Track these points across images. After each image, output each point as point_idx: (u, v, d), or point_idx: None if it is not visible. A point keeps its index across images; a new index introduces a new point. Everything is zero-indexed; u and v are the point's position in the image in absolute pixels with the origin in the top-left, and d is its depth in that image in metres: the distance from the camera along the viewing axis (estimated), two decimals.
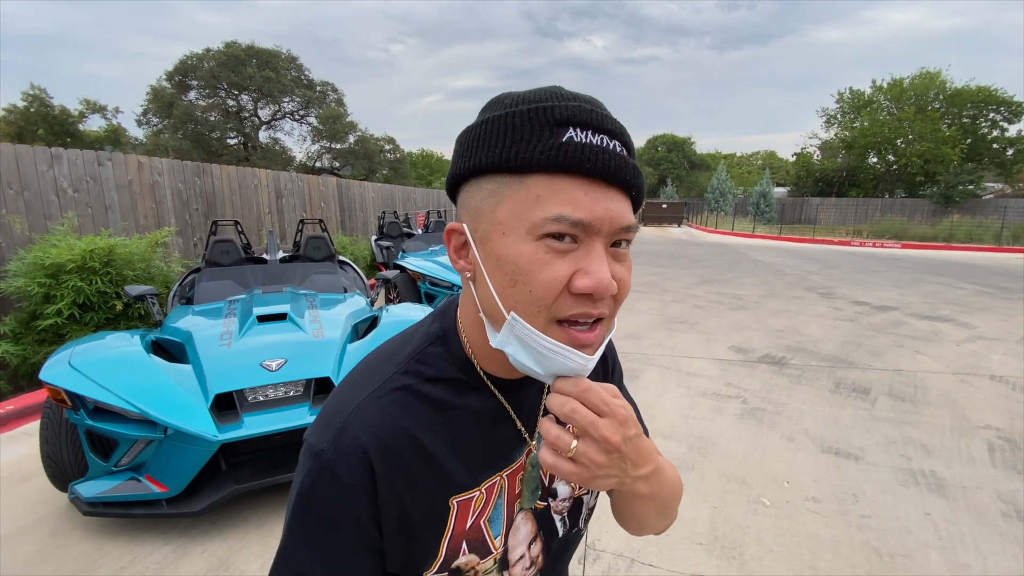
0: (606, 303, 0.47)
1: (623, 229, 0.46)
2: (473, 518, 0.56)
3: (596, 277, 0.44)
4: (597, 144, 0.45)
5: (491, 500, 0.58)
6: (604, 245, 0.46)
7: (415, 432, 0.51)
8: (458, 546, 0.55)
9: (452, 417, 0.54)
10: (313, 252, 5.02)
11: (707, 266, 12.21)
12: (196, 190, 7.33)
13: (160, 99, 25.49)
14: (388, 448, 0.50)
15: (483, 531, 0.57)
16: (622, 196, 0.47)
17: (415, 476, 0.51)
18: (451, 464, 0.54)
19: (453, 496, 0.54)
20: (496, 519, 0.59)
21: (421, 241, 7.40)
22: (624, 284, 0.48)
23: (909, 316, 6.93)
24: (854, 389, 4.23)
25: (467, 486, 0.55)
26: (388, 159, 31.11)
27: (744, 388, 4.22)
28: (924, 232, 22.26)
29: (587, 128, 0.45)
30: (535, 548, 0.63)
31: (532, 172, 0.45)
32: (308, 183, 9.78)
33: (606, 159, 0.45)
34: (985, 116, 31.78)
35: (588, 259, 0.45)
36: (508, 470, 0.59)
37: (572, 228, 0.44)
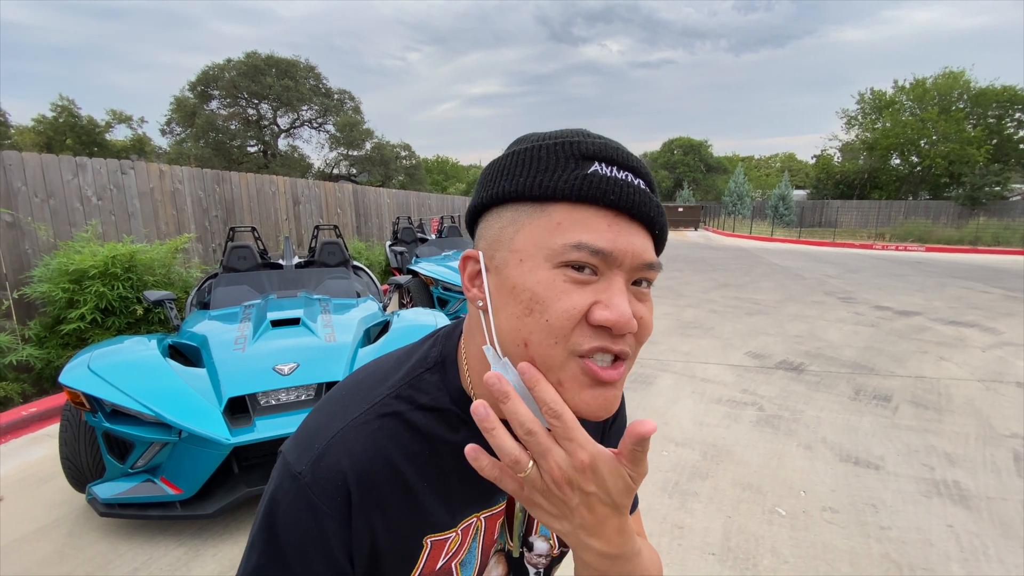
0: (627, 342, 0.44)
1: (646, 266, 0.45)
2: (445, 559, 0.54)
3: (617, 311, 0.41)
4: (622, 179, 0.44)
5: (466, 542, 0.56)
6: (625, 280, 0.44)
7: (399, 464, 0.49)
8: None
9: (439, 451, 0.52)
10: (328, 257, 5.08)
11: (724, 270, 12.06)
12: (216, 197, 7.48)
13: (183, 109, 26.16)
14: (369, 479, 0.48)
15: (453, 573, 0.55)
16: (645, 233, 0.46)
17: (392, 511, 0.49)
18: (430, 501, 0.52)
19: (428, 535, 0.52)
20: (469, 562, 0.56)
21: (434, 246, 7.44)
22: (645, 324, 0.46)
23: (933, 321, 6.75)
24: (875, 396, 4.12)
25: (444, 526, 0.53)
26: (404, 165, 31.42)
27: (760, 395, 4.15)
28: (950, 235, 21.71)
29: (612, 164, 0.45)
30: None
31: (555, 201, 0.44)
32: (325, 190, 9.92)
33: (630, 192, 0.44)
34: (1011, 116, 30.93)
35: (609, 292, 0.43)
36: (487, 512, 0.57)
37: (593, 257, 0.42)
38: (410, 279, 5.70)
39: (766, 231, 25.75)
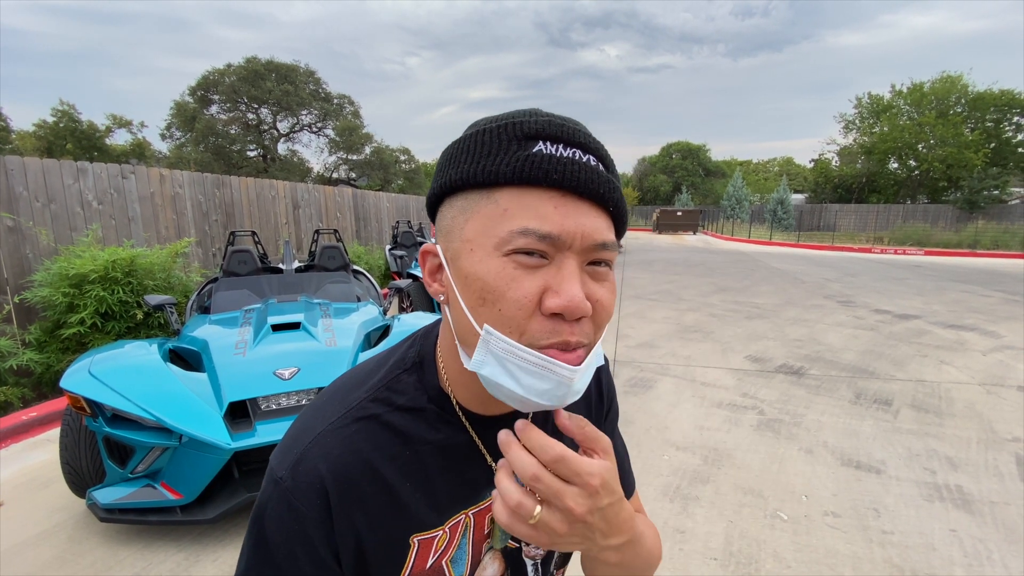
0: (584, 330, 0.43)
1: (598, 246, 0.43)
2: (435, 557, 0.54)
3: (567, 295, 0.41)
4: (568, 156, 0.42)
5: (455, 539, 0.55)
6: (578, 263, 0.43)
7: (377, 465, 0.49)
8: None
9: (419, 451, 0.51)
10: (328, 262, 5.08)
11: (723, 274, 12.07)
12: (215, 201, 7.49)
13: (183, 113, 26.20)
14: (347, 480, 0.48)
15: (444, 571, 0.55)
16: (597, 211, 0.44)
17: (374, 511, 0.49)
18: (414, 500, 0.51)
19: (414, 534, 0.52)
20: (460, 559, 0.56)
21: None
22: (603, 306, 0.44)
23: (933, 325, 6.76)
24: (875, 400, 4.12)
25: (430, 524, 0.53)
26: (403, 170, 31.47)
27: (761, 399, 4.14)
28: (948, 239, 21.75)
29: (558, 142, 0.43)
30: None
31: (500, 186, 0.43)
32: (324, 194, 9.93)
33: (576, 170, 0.42)
34: (1009, 120, 31.06)
35: (559, 276, 0.42)
36: (475, 508, 0.56)
37: (540, 243, 0.41)
38: (410, 283, 5.71)
39: (765, 235, 25.80)
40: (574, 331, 0.42)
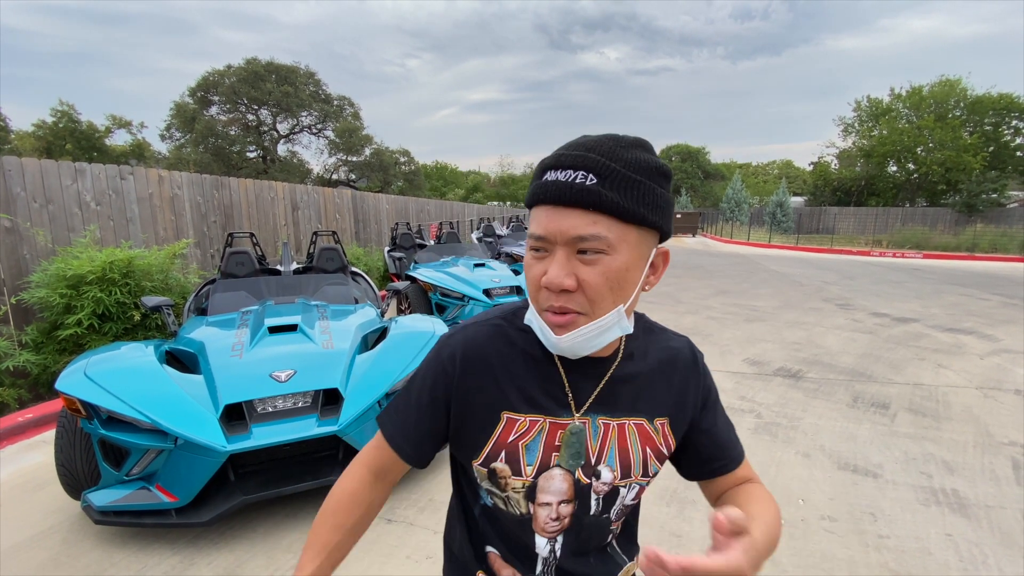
0: (576, 300, 0.61)
1: (577, 238, 0.59)
2: (515, 436, 0.70)
3: (549, 276, 0.60)
4: (562, 179, 0.59)
5: (532, 431, 0.70)
6: (565, 252, 0.60)
7: (490, 355, 0.72)
8: (498, 452, 0.70)
9: (521, 356, 0.72)
10: (326, 263, 5.08)
11: (722, 276, 12.08)
12: (214, 203, 7.49)
13: (183, 114, 26.22)
14: (471, 355, 0.72)
15: (519, 451, 0.70)
16: (579, 212, 0.59)
17: (482, 381, 0.71)
18: (509, 388, 0.71)
19: (505, 410, 0.71)
20: (532, 450, 0.70)
21: (433, 252, 7.44)
22: (587, 284, 0.60)
23: (931, 328, 6.77)
24: (873, 404, 4.12)
25: (517, 409, 0.71)
26: (403, 171, 31.50)
27: (758, 402, 4.14)
28: (947, 242, 21.79)
29: (558, 168, 0.60)
30: (565, 509, 0.72)
31: (531, 206, 0.64)
32: (323, 195, 9.93)
33: (564, 189, 0.59)
34: (1008, 123, 31.15)
35: (549, 262, 0.61)
36: (551, 419, 0.71)
37: (539, 242, 0.62)
38: (408, 285, 5.72)
39: (764, 238, 25.83)
40: (559, 299, 0.61)
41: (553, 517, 0.72)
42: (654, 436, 0.73)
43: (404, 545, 2.32)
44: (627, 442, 0.72)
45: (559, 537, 0.74)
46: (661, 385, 0.74)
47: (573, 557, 0.76)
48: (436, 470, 3.01)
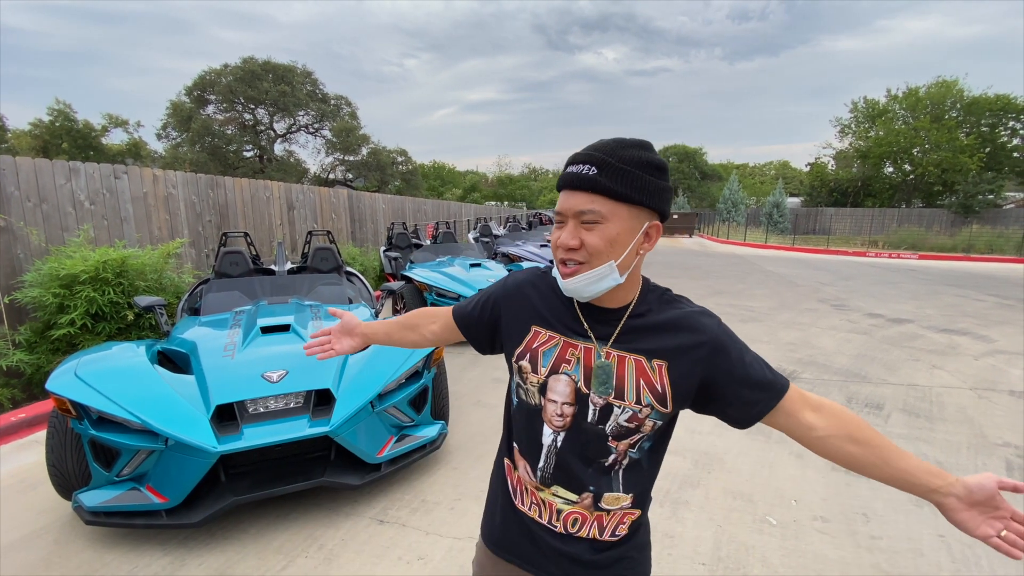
0: (576, 258, 0.87)
1: (579, 212, 0.85)
2: (538, 343, 0.97)
3: (562, 238, 0.87)
4: (576, 171, 0.86)
5: (550, 343, 0.96)
6: (574, 222, 0.87)
7: (529, 291, 1.03)
8: (525, 352, 0.98)
9: (552, 295, 1.00)
10: (320, 263, 5.07)
11: (718, 277, 12.10)
12: (209, 202, 7.47)
13: (179, 113, 26.12)
14: (513, 289, 1.05)
15: (538, 356, 0.97)
16: (584, 194, 0.85)
17: (523, 304, 1.02)
18: (540, 312, 0.99)
19: (534, 324, 0.99)
20: (548, 357, 0.96)
21: (429, 252, 7.44)
22: (588, 244, 0.85)
23: (926, 329, 6.79)
24: (867, 404, 4.13)
25: (544, 325, 0.98)
26: (400, 171, 31.46)
27: None
28: (943, 243, 21.87)
29: (575, 163, 0.87)
30: (567, 409, 0.94)
31: (559, 191, 0.91)
32: (320, 195, 9.91)
33: (575, 178, 0.86)
34: (1004, 125, 31.24)
35: (563, 230, 0.88)
36: (565, 339, 0.95)
37: (558, 216, 0.89)
38: (403, 285, 5.71)
39: (760, 238, 25.87)
40: (568, 255, 0.87)
41: (558, 413, 0.94)
42: (650, 373, 0.90)
43: (396, 546, 2.32)
44: (624, 371, 0.90)
45: (562, 433, 0.95)
46: (664, 337, 0.91)
47: (571, 455, 0.94)
48: (429, 471, 3.01)
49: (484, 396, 4.20)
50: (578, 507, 0.96)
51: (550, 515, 0.98)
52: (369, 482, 2.52)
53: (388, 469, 2.61)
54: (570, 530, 0.97)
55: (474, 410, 3.93)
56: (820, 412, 0.90)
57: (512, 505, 1.05)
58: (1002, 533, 0.77)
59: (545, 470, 0.97)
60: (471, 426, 3.63)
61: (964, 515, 0.79)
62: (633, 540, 1.02)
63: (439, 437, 2.93)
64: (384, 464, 2.61)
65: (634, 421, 0.90)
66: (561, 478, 0.96)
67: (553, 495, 0.97)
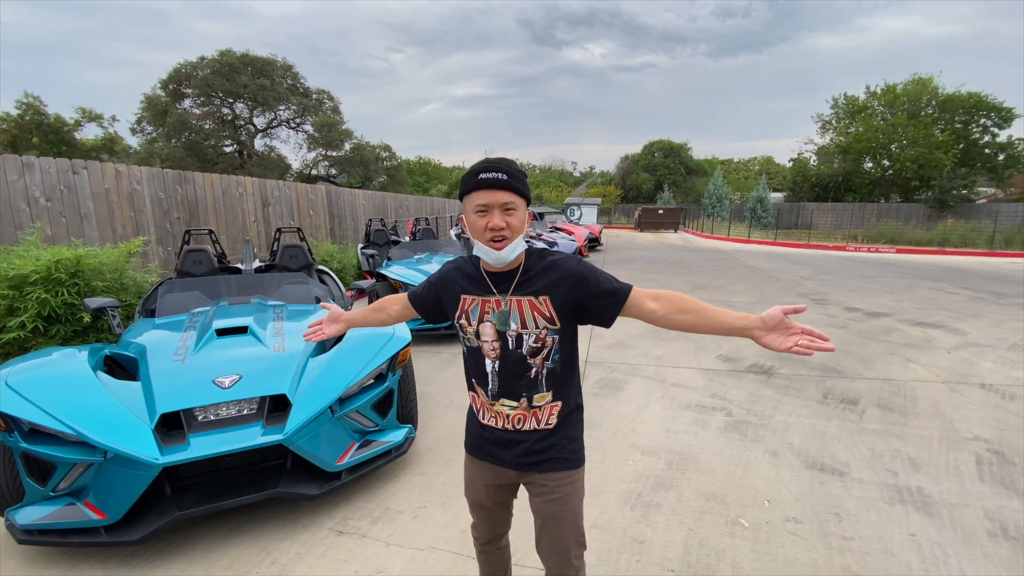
0: (505, 235, 1.28)
1: (503, 203, 1.27)
2: (467, 305, 1.39)
3: (494, 222, 1.26)
4: (492, 176, 1.26)
5: (473, 304, 1.38)
6: (499, 211, 1.27)
7: (456, 274, 1.44)
8: (462, 314, 1.40)
9: (471, 272, 1.42)
10: (289, 261, 4.92)
11: (700, 272, 12.13)
12: (177, 199, 7.25)
13: (154, 107, 25.46)
14: (446, 273, 1.47)
15: (468, 313, 1.38)
16: (504, 192, 1.27)
17: (453, 282, 1.44)
18: (464, 285, 1.41)
19: (463, 294, 1.40)
20: (474, 312, 1.37)
21: (407, 249, 7.31)
22: (511, 225, 1.28)
23: (901, 323, 6.84)
24: (842, 400, 4.12)
25: (468, 293, 1.39)
26: (384, 167, 31.10)
27: (730, 400, 4.11)
28: (920, 237, 22.25)
29: (488, 171, 1.26)
30: (496, 344, 1.36)
31: (470, 192, 1.30)
32: (296, 191, 9.70)
33: (493, 181, 1.26)
34: (976, 122, 31.88)
35: (490, 217, 1.27)
36: (482, 298, 1.37)
37: (483, 207, 1.28)
38: (373, 283, 5.57)
39: (744, 233, 26.08)
40: (498, 234, 1.27)
41: (491, 348, 1.36)
42: (539, 306, 1.33)
43: (354, 559, 2.21)
44: (522, 309, 1.33)
45: (497, 361, 1.37)
46: (542, 280, 1.33)
47: (506, 375, 1.37)
48: (394, 477, 2.90)
49: (457, 397, 4.10)
50: (518, 409, 1.39)
51: (503, 420, 1.41)
52: (328, 492, 2.41)
53: (349, 477, 2.51)
54: (517, 427, 1.40)
55: (446, 412, 3.83)
56: (658, 300, 1.30)
57: (479, 422, 1.48)
58: (799, 343, 1.16)
59: (492, 390, 1.40)
60: (442, 428, 3.53)
61: (768, 338, 1.18)
62: (563, 430, 1.43)
63: (405, 442, 2.83)
64: (344, 472, 2.51)
65: (538, 341, 1.34)
66: (504, 392, 1.39)
67: (502, 405, 1.40)
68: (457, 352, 5.27)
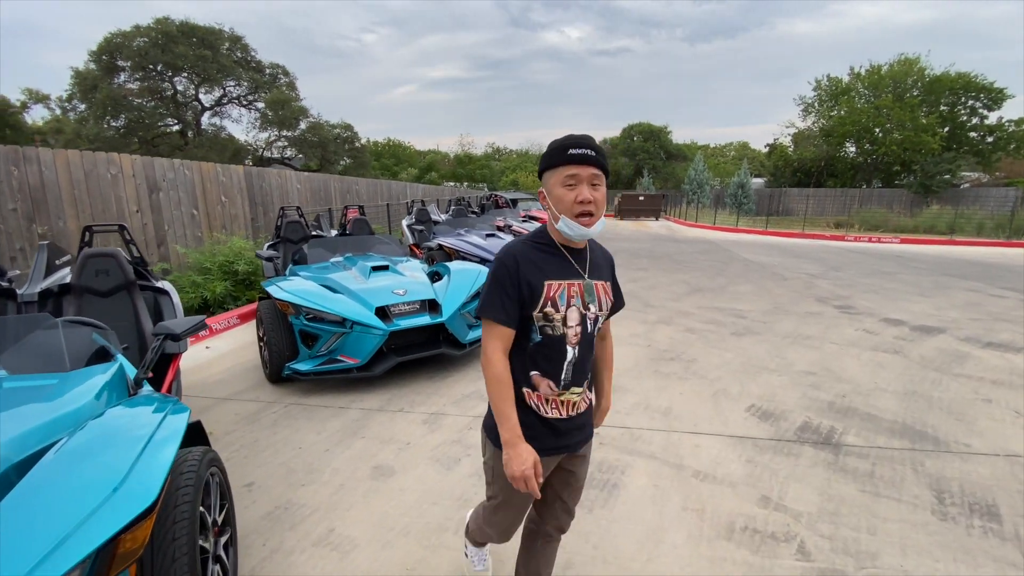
0: (590, 210, 1.34)
1: (593, 175, 1.34)
2: (552, 292, 1.38)
3: (583, 196, 1.32)
4: (582, 152, 1.32)
5: (560, 289, 1.39)
6: (587, 184, 1.33)
7: (531, 256, 1.40)
8: (547, 301, 1.37)
9: (547, 255, 1.41)
10: (94, 281, 3.12)
11: (693, 268, 10.56)
12: (13, 184, 5.33)
13: (84, 82, 22.64)
14: (519, 257, 1.39)
15: (556, 300, 1.38)
16: (590, 167, 1.33)
17: (532, 269, 1.38)
18: (546, 270, 1.39)
19: (546, 280, 1.38)
20: (561, 299, 1.38)
21: (322, 248, 5.53)
22: (596, 200, 1.34)
23: (965, 342, 5.35)
24: (971, 507, 2.56)
25: (553, 278, 1.39)
26: (346, 148, 28.75)
27: (795, 510, 2.51)
28: (904, 223, 21.23)
29: (577, 146, 1.32)
30: (579, 328, 1.41)
31: (558, 165, 1.35)
32: (202, 172, 7.72)
33: (583, 157, 1.32)
34: (964, 104, 31.05)
35: (579, 190, 1.33)
36: (568, 281, 1.40)
37: (572, 179, 1.33)
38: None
39: (730, 221, 24.69)
40: (587, 208, 1.33)
41: (575, 334, 1.40)
42: (607, 291, 1.49)
43: None
44: (599, 292, 1.45)
45: (577, 347, 1.42)
46: (605, 266, 1.53)
47: (580, 360, 1.44)
48: None
49: None
50: (582, 395, 1.50)
51: (569, 409, 1.47)
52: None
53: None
54: (579, 411, 1.50)
55: None
56: (606, 339, 1.66)
57: (538, 416, 1.45)
58: None
59: (565, 379, 1.43)
60: None
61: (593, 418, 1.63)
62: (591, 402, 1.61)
63: None
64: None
65: (600, 321, 1.48)
66: (574, 380, 1.45)
67: (571, 394, 1.46)
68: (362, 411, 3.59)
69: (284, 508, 2.53)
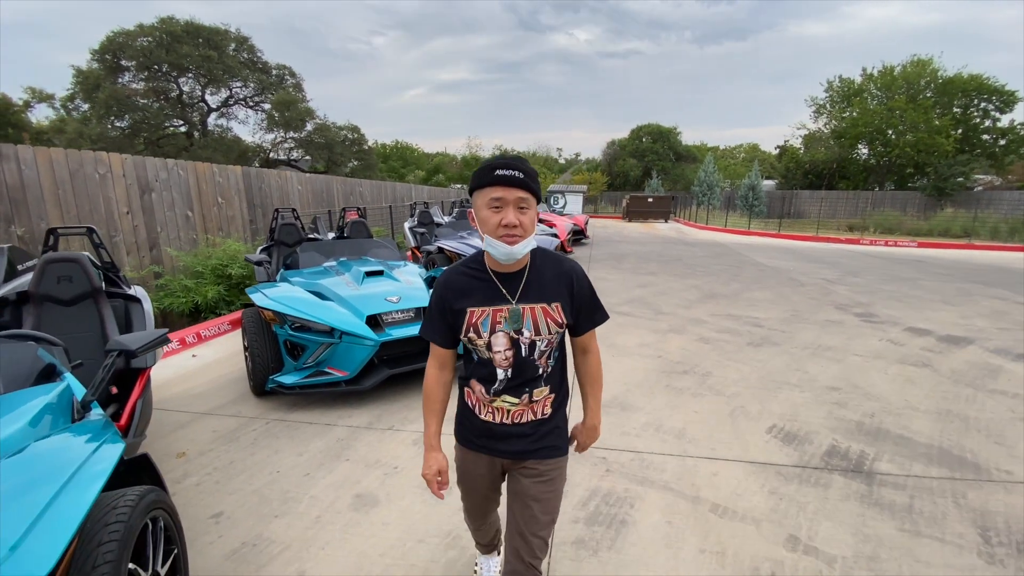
0: (518, 233, 1.28)
1: (519, 199, 1.28)
2: (475, 319, 1.37)
3: (507, 220, 1.27)
4: (508, 173, 1.26)
5: (483, 316, 1.37)
6: (513, 208, 1.28)
7: (459, 283, 1.40)
8: (469, 328, 1.37)
9: (475, 280, 1.39)
10: (56, 289, 2.88)
11: (705, 273, 10.22)
12: None
13: (87, 82, 22.61)
14: (447, 284, 1.42)
15: (479, 326, 1.37)
16: (519, 191, 1.27)
17: (456, 297, 1.39)
18: (472, 297, 1.38)
19: (469, 307, 1.37)
20: (484, 326, 1.37)
21: (315, 252, 5.25)
22: (524, 224, 1.29)
23: (996, 355, 5.01)
24: (1021, 548, 2.24)
25: (475, 306, 1.37)
26: (353, 150, 28.58)
27: (825, 553, 2.20)
28: (919, 226, 20.71)
29: (505, 168, 1.27)
30: (508, 352, 1.38)
31: (484, 187, 1.30)
32: (196, 173, 7.50)
33: (508, 178, 1.26)
34: (976, 106, 30.43)
35: (505, 213, 1.28)
36: (492, 307, 1.37)
37: (497, 202, 1.28)
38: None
39: (740, 223, 24.24)
40: (512, 232, 1.28)
41: (504, 358, 1.38)
42: (552, 312, 1.39)
43: None
44: (536, 316, 1.37)
45: (509, 369, 1.40)
46: (554, 285, 1.41)
47: (516, 379, 1.41)
48: None
49: None
50: (519, 405, 1.43)
51: (502, 416, 1.44)
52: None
53: None
54: (516, 421, 1.45)
55: None
56: (588, 353, 1.55)
57: (475, 416, 1.49)
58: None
59: (496, 389, 1.42)
60: None
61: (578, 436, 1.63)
62: (556, 417, 1.50)
63: None
64: None
65: (548, 345, 1.41)
66: (507, 391, 1.42)
67: (503, 402, 1.43)
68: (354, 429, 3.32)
69: (252, 545, 2.26)
